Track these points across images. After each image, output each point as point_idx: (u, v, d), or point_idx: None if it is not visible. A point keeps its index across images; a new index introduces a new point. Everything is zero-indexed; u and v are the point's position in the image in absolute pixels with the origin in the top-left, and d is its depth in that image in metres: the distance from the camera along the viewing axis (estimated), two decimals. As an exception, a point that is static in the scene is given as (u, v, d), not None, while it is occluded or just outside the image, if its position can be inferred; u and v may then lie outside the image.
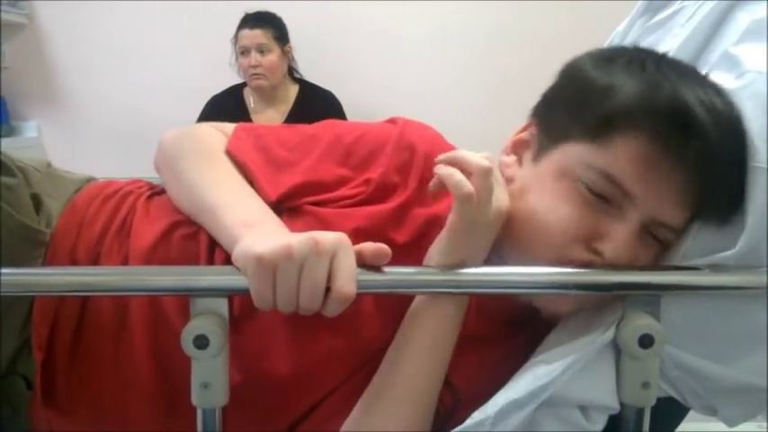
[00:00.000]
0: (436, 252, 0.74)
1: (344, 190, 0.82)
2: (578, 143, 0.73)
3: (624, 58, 0.75)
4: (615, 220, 0.70)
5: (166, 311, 0.78)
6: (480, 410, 0.71)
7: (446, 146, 0.87)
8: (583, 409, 0.72)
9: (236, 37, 2.74)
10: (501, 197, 0.74)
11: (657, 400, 0.70)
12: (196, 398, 0.67)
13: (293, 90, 2.84)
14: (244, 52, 2.71)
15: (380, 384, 0.75)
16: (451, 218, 0.72)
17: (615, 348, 0.71)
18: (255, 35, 2.70)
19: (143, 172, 0.92)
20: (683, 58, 0.85)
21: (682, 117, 0.67)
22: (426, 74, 3.12)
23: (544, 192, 0.74)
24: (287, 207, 0.81)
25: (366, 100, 2.95)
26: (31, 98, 3.22)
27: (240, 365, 0.75)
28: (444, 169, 0.71)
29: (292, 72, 2.88)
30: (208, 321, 0.65)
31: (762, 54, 0.75)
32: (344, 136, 0.86)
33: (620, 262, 0.70)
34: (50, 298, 0.78)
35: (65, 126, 3.23)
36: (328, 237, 0.64)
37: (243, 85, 2.85)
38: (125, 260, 0.81)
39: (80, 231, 0.84)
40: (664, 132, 0.68)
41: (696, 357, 0.71)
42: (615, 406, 0.71)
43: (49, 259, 0.82)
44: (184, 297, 0.70)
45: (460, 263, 0.72)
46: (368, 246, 0.67)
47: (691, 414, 0.83)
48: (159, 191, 0.90)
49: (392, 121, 0.89)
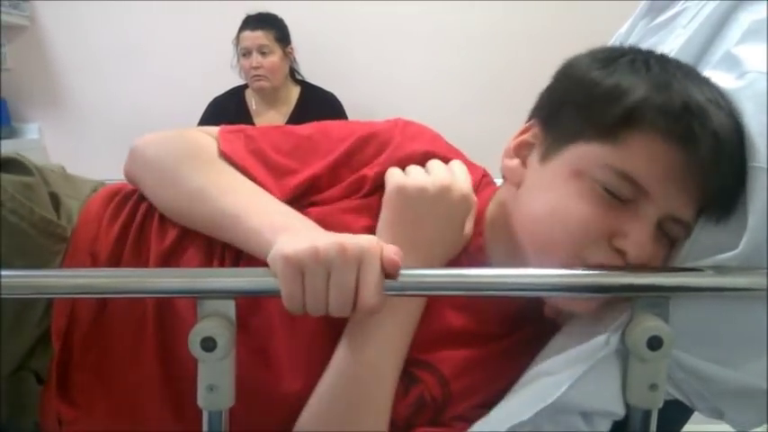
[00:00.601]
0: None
1: (340, 188, 0.82)
2: (591, 143, 0.72)
3: (626, 58, 0.75)
4: (633, 219, 0.70)
5: (179, 309, 0.78)
6: (481, 424, 0.71)
7: (446, 146, 0.87)
8: (586, 416, 0.72)
9: (237, 38, 2.75)
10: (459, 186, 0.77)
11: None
12: (202, 400, 0.67)
13: (295, 91, 2.84)
14: (245, 54, 2.72)
15: (333, 372, 0.75)
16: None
17: (619, 354, 0.71)
18: (257, 36, 2.70)
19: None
20: (686, 60, 0.84)
21: (693, 114, 0.68)
22: (427, 74, 3.12)
23: (559, 192, 0.73)
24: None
25: (367, 101, 2.95)
26: (33, 100, 3.22)
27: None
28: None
29: (294, 73, 2.88)
30: (215, 323, 0.65)
31: (762, 54, 0.74)
32: (343, 138, 0.85)
33: (641, 261, 0.70)
34: None
35: (66, 128, 3.23)
36: (355, 243, 0.65)
37: (244, 87, 2.86)
38: (146, 261, 0.82)
39: (100, 228, 0.84)
40: (679, 131, 0.68)
41: (701, 360, 0.71)
42: (619, 412, 0.71)
43: (70, 254, 0.82)
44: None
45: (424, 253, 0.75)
46: (386, 255, 0.66)
47: (696, 416, 0.82)
48: None
49: (392, 123, 0.88)
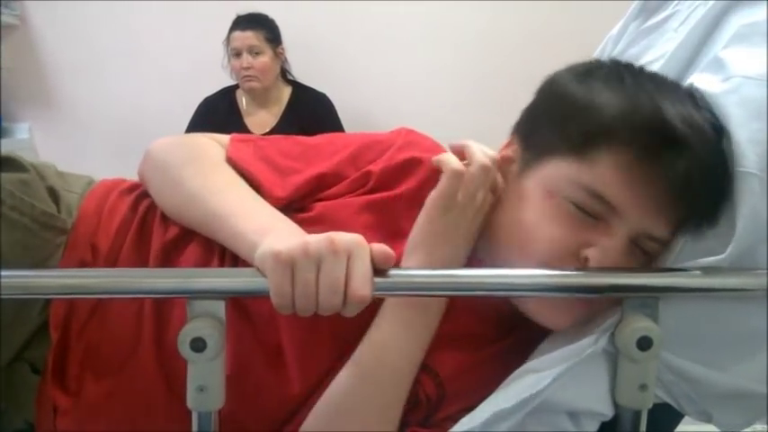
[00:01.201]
0: (413, 243, 0.76)
1: (345, 184, 0.84)
2: (563, 160, 0.73)
3: (602, 71, 0.76)
4: (603, 235, 0.71)
5: (176, 302, 0.79)
6: (469, 417, 0.71)
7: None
8: (572, 416, 0.72)
9: (228, 39, 2.74)
10: (486, 201, 0.77)
11: (652, 406, 0.70)
12: (192, 401, 0.67)
13: (286, 92, 2.84)
14: (236, 54, 2.72)
15: (351, 378, 0.75)
16: (432, 193, 0.75)
17: (607, 355, 0.71)
18: (247, 37, 2.70)
19: (136, 175, 0.91)
20: (677, 63, 0.85)
21: (663, 132, 0.69)
22: (421, 75, 3.12)
23: (531, 208, 0.74)
24: (294, 207, 0.82)
25: (360, 102, 2.95)
26: (23, 100, 3.20)
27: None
28: (441, 156, 0.75)
29: (285, 74, 2.88)
30: (205, 324, 0.65)
31: (748, 58, 0.75)
32: (348, 144, 0.88)
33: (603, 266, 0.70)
34: None
35: (57, 128, 3.21)
36: (344, 237, 0.65)
37: (236, 87, 2.85)
38: (147, 254, 0.83)
39: (100, 219, 0.85)
40: (646, 148, 0.69)
41: (690, 362, 0.71)
42: (607, 412, 0.71)
43: (70, 247, 0.83)
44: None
45: (440, 257, 0.75)
46: (376, 249, 0.67)
47: (686, 418, 0.82)
48: None
49: (396, 132, 0.91)
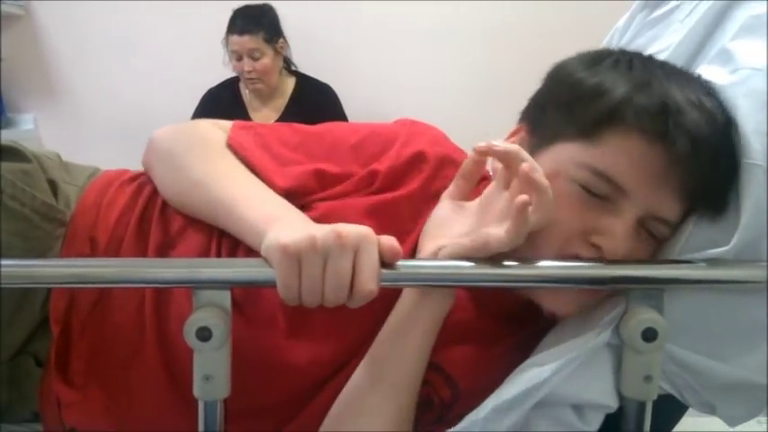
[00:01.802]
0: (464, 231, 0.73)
1: (351, 183, 0.82)
2: (570, 143, 0.73)
3: (611, 59, 0.76)
4: (611, 216, 0.71)
5: (177, 295, 0.79)
6: (474, 412, 0.71)
7: (451, 147, 0.89)
8: (577, 409, 0.73)
9: (226, 40, 2.67)
10: None
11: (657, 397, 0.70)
12: (198, 390, 0.67)
13: (290, 83, 2.81)
14: (236, 57, 2.65)
15: (374, 371, 0.75)
16: (500, 241, 0.67)
17: (611, 347, 0.71)
18: (245, 41, 2.61)
19: (140, 165, 0.92)
20: (682, 55, 0.85)
21: (669, 112, 0.69)
22: (425, 68, 3.10)
23: None
24: (297, 205, 0.80)
25: (364, 94, 2.94)
26: (28, 90, 3.19)
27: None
28: (525, 213, 0.65)
29: (288, 64, 2.84)
30: (210, 314, 0.66)
31: (756, 50, 0.75)
32: (350, 135, 0.87)
33: (617, 257, 0.70)
34: None
35: (61, 118, 3.20)
36: (352, 230, 0.65)
37: (239, 79, 2.82)
38: (146, 249, 0.82)
39: (99, 213, 0.85)
40: (653, 128, 0.69)
41: (693, 354, 0.71)
42: (611, 404, 0.72)
43: (68, 240, 0.83)
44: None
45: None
46: (385, 241, 0.67)
47: (690, 410, 0.82)
48: None
49: (399, 123, 0.90)
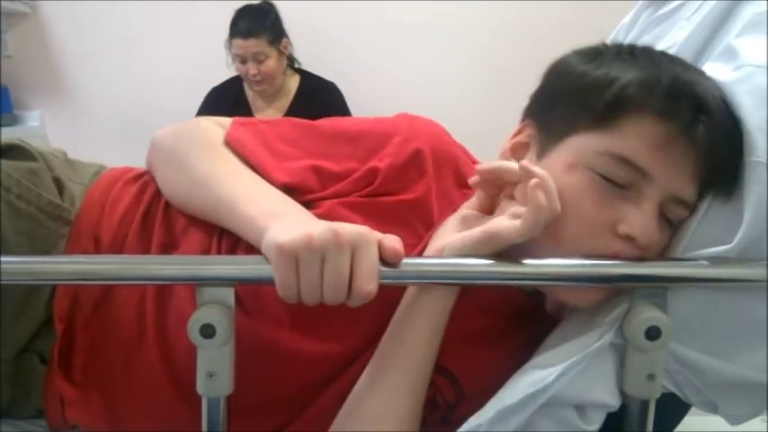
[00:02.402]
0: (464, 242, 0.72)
1: (351, 181, 0.82)
2: (585, 134, 0.72)
3: (611, 51, 0.76)
4: (635, 203, 0.69)
5: (179, 293, 0.79)
6: (476, 415, 0.71)
7: (452, 141, 0.88)
8: (579, 409, 0.72)
9: (229, 43, 2.64)
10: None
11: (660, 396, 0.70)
12: (201, 387, 0.68)
13: (294, 81, 2.80)
14: (240, 60, 2.64)
15: (376, 375, 0.75)
16: (512, 230, 0.68)
17: (614, 347, 0.71)
18: (249, 45, 2.59)
19: (144, 162, 0.92)
20: (688, 52, 0.85)
21: (684, 91, 0.69)
22: (429, 64, 3.10)
23: (557, 187, 0.70)
24: (300, 203, 0.80)
25: (368, 92, 2.93)
26: (34, 87, 3.21)
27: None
28: (536, 194, 0.66)
29: (292, 61, 2.83)
30: (214, 311, 0.66)
31: (760, 47, 0.74)
32: (349, 129, 0.86)
33: (649, 243, 0.69)
34: None
35: (68, 115, 3.22)
36: (349, 229, 0.64)
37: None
38: (149, 248, 0.83)
39: (103, 211, 0.86)
40: (669, 107, 0.68)
41: (696, 352, 0.71)
42: (613, 404, 0.71)
43: (73, 237, 0.84)
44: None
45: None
46: (387, 242, 0.66)
47: (693, 409, 0.81)
48: None
49: (398, 117, 0.89)
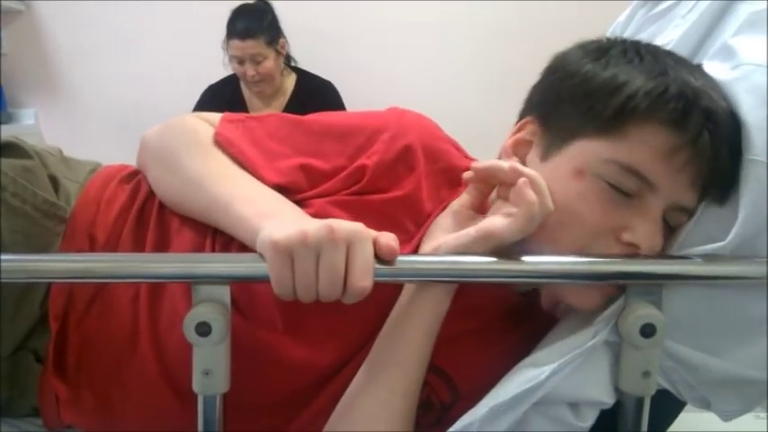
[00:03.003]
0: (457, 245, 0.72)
1: (340, 179, 0.81)
2: (593, 139, 0.71)
3: (617, 49, 0.75)
4: (640, 213, 0.70)
5: (173, 291, 0.79)
6: (469, 413, 0.71)
7: (443, 136, 0.88)
8: (573, 406, 0.72)
9: (227, 44, 2.63)
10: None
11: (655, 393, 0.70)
12: (197, 385, 0.67)
13: (291, 80, 2.80)
14: (238, 62, 2.63)
15: (371, 376, 0.75)
16: (506, 228, 0.68)
17: (608, 345, 0.71)
18: (247, 46, 2.58)
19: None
20: (684, 50, 0.85)
21: (693, 101, 0.68)
22: (426, 63, 3.11)
23: (564, 192, 0.71)
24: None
25: (366, 91, 2.92)
26: (29, 85, 3.20)
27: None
28: (526, 192, 0.67)
29: (288, 60, 2.83)
30: (210, 309, 0.66)
31: (758, 46, 0.74)
32: (338, 124, 0.86)
33: (652, 252, 0.70)
34: None
35: (62, 113, 3.21)
36: (344, 225, 0.64)
37: (240, 76, 2.83)
38: (143, 247, 0.82)
39: (98, 209, 0.86)
40: (678, 117, 0.68)
41: (689, 348, 0.71)
42: (607, 401, 0.71)
43: (68, 236, 0.84)
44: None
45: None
46: (382, 239, 0.66)
47: (689, 407, 0.82)
48: None
49: (387, 111, 0.88)
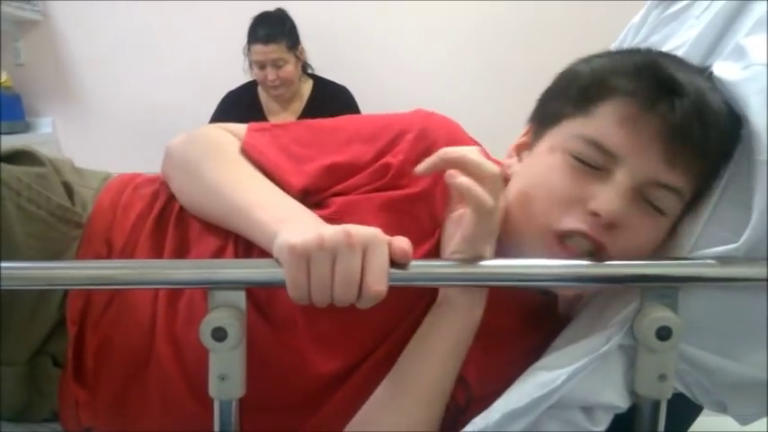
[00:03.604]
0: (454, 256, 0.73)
1: (364, 176, 0.82)
2: (567, 121, 0.76)
3: (607, 53, 0.80)
4: (604, 183, 0.71)
5: (190, 295, 0.79)
6: (482, 416, 0.71)
7: (467, 139, 0.88)
8: (586, 410, 0.72)
9: (248, 49, 2.67)
10: (503, 197, 0.76)
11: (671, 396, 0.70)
12: (213, 389, 0.68)
13: (307, 86, 2.82)
14: (259, 66, 2.66)
15: (399, 382, 0.75)
16: (470, 229, 0.70)
17: (622, 348, 0.71)
18: (270, 51, 2.62)
19: (158, 168, 0.92)
20: (699, 51, 0.85)
21: (657, 75, 0.70)
22: (439, 65, 3.11)
23: (536, 168, 0.77)
24: (312, 202, 0.81)
25: (379, 95, 2.92)
26: (46, 94, 3.24)
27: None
28: (462, 181, 0.68)
29: (305, 68, 2.85)
30: (226, 314, 0.66)
31: None
32: (365, 126, 0.87)
33: (614, 219, 0.69)
34: None
35: (79, 122, 3.24)
36: (361, 230, 0.64)
37: (257, 82, 2.83)
38: (161, 252, 0.83)
39: (115, 216, 0.86)
40: (645, 93, 0.70)
41: (705, 352, 0.71)
42: (621, 405, 0.71)
43: (85, 242, 0.84)
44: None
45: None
46: (396, 243, 0.67)
47: (705, 411, 0.81)
48: None
49: (415, 113, 0.89)
